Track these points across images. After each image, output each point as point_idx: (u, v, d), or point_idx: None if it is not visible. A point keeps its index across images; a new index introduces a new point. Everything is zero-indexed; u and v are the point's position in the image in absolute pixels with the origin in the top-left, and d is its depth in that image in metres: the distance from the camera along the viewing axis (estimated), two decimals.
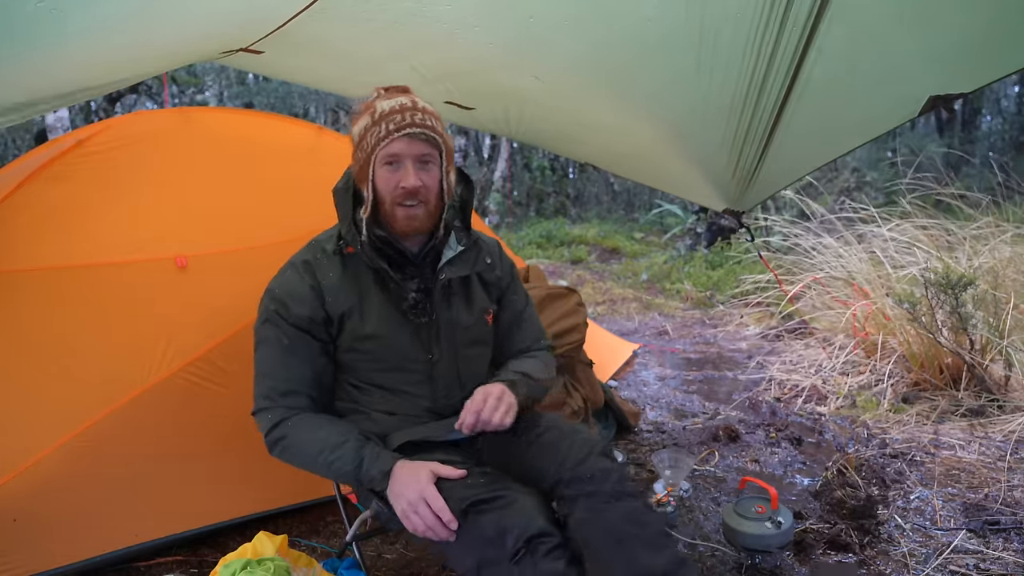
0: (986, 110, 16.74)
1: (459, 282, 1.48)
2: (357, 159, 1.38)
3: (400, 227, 1.38)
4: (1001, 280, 3.13)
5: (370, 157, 1.34)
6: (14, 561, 1.59)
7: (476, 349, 1.52)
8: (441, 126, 1.39)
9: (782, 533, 1.75)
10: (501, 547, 1.15)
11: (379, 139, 1.32)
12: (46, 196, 1.79)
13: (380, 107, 1.34)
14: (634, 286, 7.17)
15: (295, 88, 13.43)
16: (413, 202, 1.35)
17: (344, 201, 1.41)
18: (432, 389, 1.46)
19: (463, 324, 1.48)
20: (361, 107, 1.40)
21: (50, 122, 7.01)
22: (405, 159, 1.33)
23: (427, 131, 1.34)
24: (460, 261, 1.46)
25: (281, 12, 1.58)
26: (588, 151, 2.74)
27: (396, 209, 1.36)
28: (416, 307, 1.42)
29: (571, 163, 15.49)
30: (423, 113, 1.35)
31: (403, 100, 1.35)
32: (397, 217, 1.37)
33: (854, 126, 2.02)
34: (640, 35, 1.61)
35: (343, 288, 1.40)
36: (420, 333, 1.43)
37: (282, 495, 2.02)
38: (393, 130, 1.32)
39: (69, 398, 1.71)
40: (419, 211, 1.37)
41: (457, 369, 1.48)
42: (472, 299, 1.50)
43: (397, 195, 1.34)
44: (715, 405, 3.32)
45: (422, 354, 1.44)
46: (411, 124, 1.32)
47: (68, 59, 1.28)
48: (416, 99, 1.38)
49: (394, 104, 1.34)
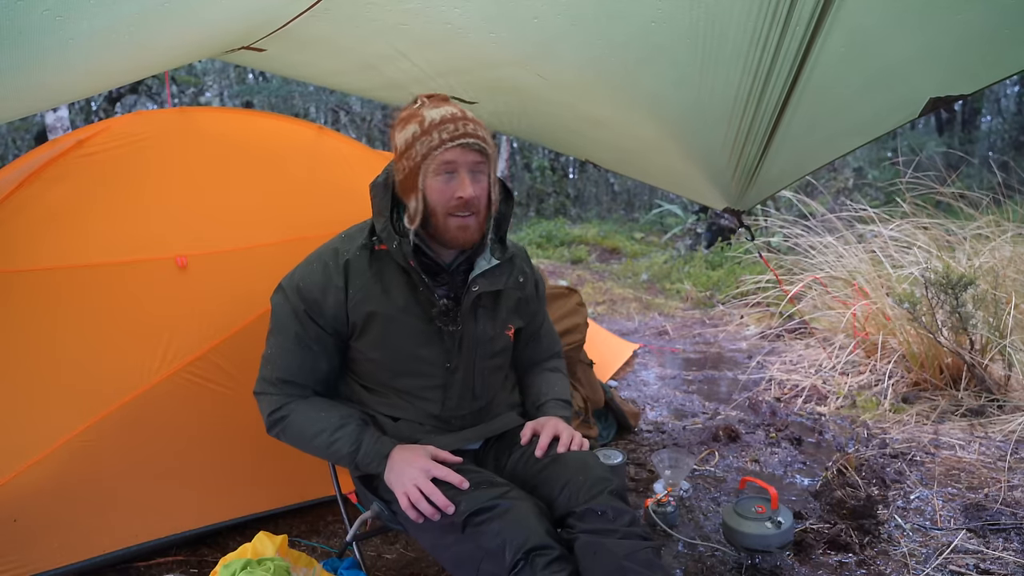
0: (986, 110, 16.73)
1: (489, 296, 1.46)
2: (402, 168, 1.34)
3: (452, 237, 1.34)
4: (1001, 280, 3.13)
5: (419, 166, 1.30)
6: (14, 561, 1.59)
7: (494, 362, 1.51)
8: (488, 135, 1.35)
9: (782, 533, 1.75)
10: (500, 559, 1.16)
11: (431, 148, 1.28)
12: (46, 196, 1.79)
13: (429, 116, 1.30)
14: (634, 286, 7.17)
15: (296, 88, 13.42)
16: (466, 212, 1.32)
17: (382, 197, 1.38)
18: (444, 397, 1.45)
19: (486, 337, 1.46)
20: (404, 115, 1.36)
21: (50, 122, 7.01)
22: (460, 168, 1.30)
23: (479, 141, 1.30)
24: (493, 275, 1.43)
25: (285, 12, 1.58)
26: (589, 148, 2.74)
27: (449, 220, 1.32)
28: (446, 315, 1.39)
29: (571, 163, 15.49)
30: (473, 123, 1.32)
31: (452, 110, 1.32)
32: (450, 228, 1.32)
33: (854, 127, 2.02)
34: (644, 36, 1.61)
35: (369, 287, 1.38)
36: (444, 341, 1.41)
37: (282, 495, 2.02)
38: (447, 139, 1.28)
39: (69, 398, 1.71)
40: (472, 221, 1.33)
41: (473, 381, 1.47)
42: (498, 314, 1.48)
43: (452, 205, 1.30)
44: (715, 405, 3.32)
45: (441, 361, 1.42)
46: (464, 134, 1.29)
47: (72, 64, 1.28)
48: (464, 109, 1.35)
49: (444, 113, 1.31)
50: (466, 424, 1.48)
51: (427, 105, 1.34)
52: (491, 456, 1.50)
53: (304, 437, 1.38)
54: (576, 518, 1.25)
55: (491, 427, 1.51)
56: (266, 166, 2.09)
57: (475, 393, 1.48)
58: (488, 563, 1.17)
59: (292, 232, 1.97)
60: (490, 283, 1.42)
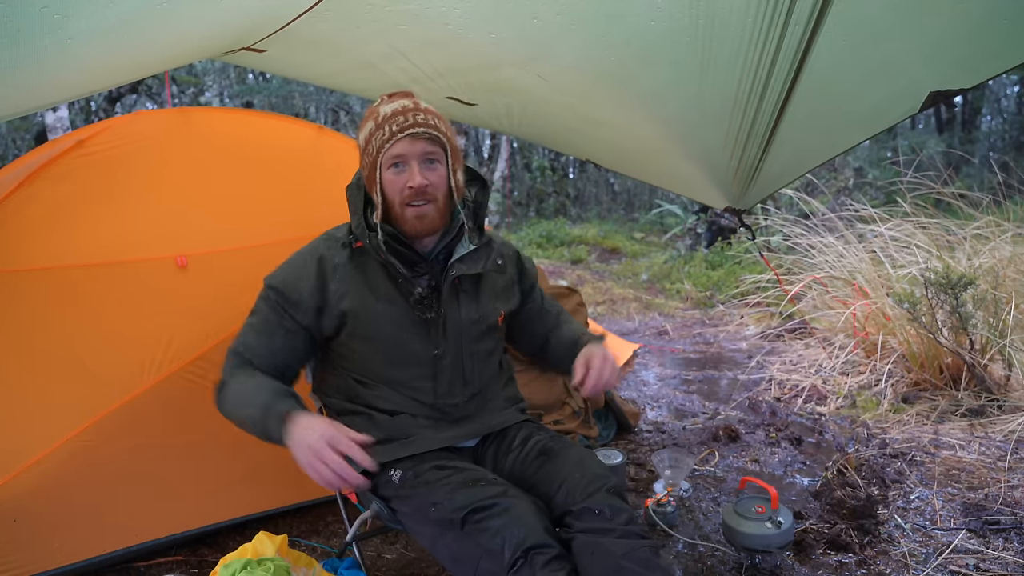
0: (986, 110, 16.75)
1: (470, 280, 1.48)
2: (364, 164, 1.40)
3: (411, 227, 1.38)
4: (1001, 280, 3.13)
5: (376, 160, 1.36)
6: (14, 561, 1.59)
7: (483, 347, 1.51)
8: (445, 125, 1.40)
9: (782, 533, 1.75)
10: (499, 558, 1.16)
11: (383, 142, 1.34)
12: (46, 196, 1.79)
13: (383, 111, 1.37)
14: (634, 286, 7.17)
15: (296, 88, 13.43)
16: (421, 201, 1.36)
17: (355, 198, 1.44)
18: (435, 385, 1.45)
19: (470, 320, 1.48)
20: (366, 113, 1.42)
21: (50, 122, 7.01)
22: (410, 159, 1.35)
23: (430, 130, 1.35)
24: (471, 259, 1.46)
25: (285, 12, 1.58)
26: (589, 148, 2.74)
27: (405, 210, 1.37)
28: (423, 301, 1.42)
29: (571, 163, 15.49)
30: (425, 113, 1.36)
31: (405, 102, 1.37)
32: (407, 218, 1.37)
33: (855, 122, 2.02)
34: (644, 36, 1.61)
35: (350, 282, 1.41)
36: (428, 328, 1.43)
37: (282, 495, 2.02)
38: (396, 131, 1.33)
39: (69, 398, 1.71)
40: (428, 209, 1.37)
41: (462, 366, 1.48)
42: (481, 298, 1.51)
43: (405, 196, 1.35)
44: (715, 405, 3.32)
45: (428, 349, 1.44)
46: (413, 124, 1.33)
47: (72, 63, 1.28)
48: (418, 100, 1.39)
49: (396, 107, 1.36)
50: (462, 414, 1.48)
51: (385, 102, 1.40)
52: (489, 454, 1.50)
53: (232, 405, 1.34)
54: (574, 517, 1.26)
55: (490, 423, 1.51)
56: (266, 166, 2.10)
57: (465, 379, 1.48)
58: (487, 561, 1.17)
59: (292, 232, 1.97)
60: (467, 267, 1.45)
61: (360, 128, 1.42)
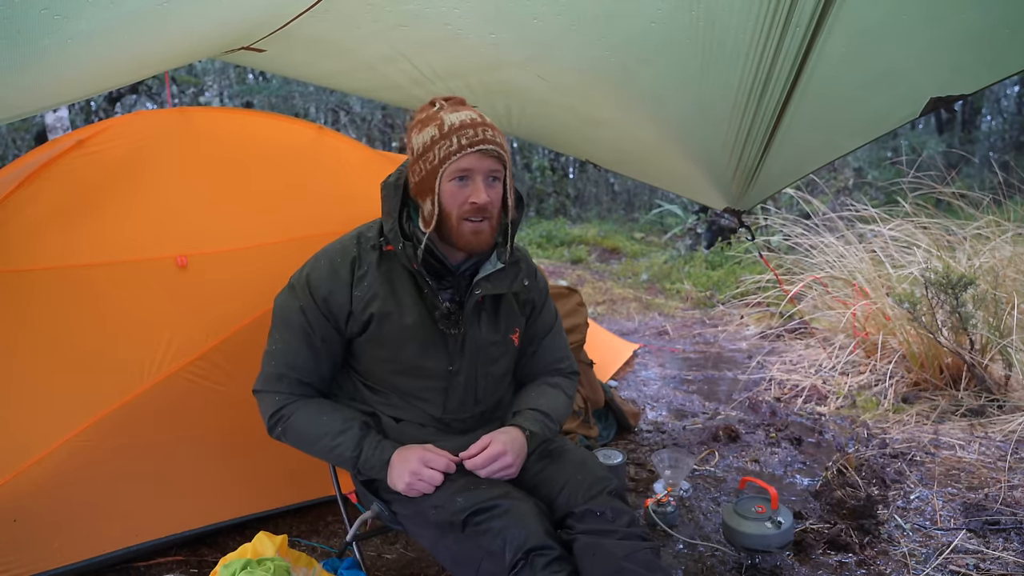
0: (986, 110, 16.74)
1: (491, 299, 1.47)
2: (418, 170, 1.34)
3: (465, 241, 1.34)
4: (1001, 280, 3.13)
5: (438, 169, 1.30)
6: (14, 561, 1.59)
7: (498, 367, 1.50)
8: (505, 142, 1.36)
9: (782, 533, 1.75)
10: (500, 559, 1.16)
11: (450, 152, 1.28)
12: (46, 196, 1.79)
13: (448, 120, 1.31)
14: (634, 286, 7.17)
15: (296, 88, 13.41)
16: (479, 218, 1.33)
17: (392, 197, 1.39)
18: (445, 400, 1.45)
19: (488, 341, 1.46)
20: (421, 117, 1.36)
21: (50, 122, 7.00)
22: (476, 175, 1.31)
23: (497, 148, 1.31)
24: (497, 279, 1.43)
25: (285, 12, 1.58)
26: (589, 149, 2.74)
27: (463, 224, 1.33)
28: (448, 317, 1.40)
29: (571, 163, 15.48)
30: (492, 129, 1.33)
31: (472, 115, 1.32)
32: (463, 232, 1.33)
33: (855, 127, 2.02)
34: (644, 37, 1.61)
35: (376, 286, 1.39)
36: (447, 343, 1.42)
37: (282, 495, 2.02)
38: (466, 145, 1.28)
39: (69, 398, 1.71)
40: (485, 226, 1.34)
41: (475, 385, 1.47)
42: (500, 317, 1.49)
43: (465, 210, 1.31)
44: (715, 405, 3.32)
45: (444, 364, 1.43)
46: (483, 140, 1.29)
47: (72, 64, 1.28)
48: (482, 114, 1.36)
49: (464, 118, 1.31)
50: (467, 428, 1.48)
51: (446, 108, 1.34)
52: None
53: (306, 439, 1.39)
54: (575, 519, 1.26)
55: None
56: (266, 166, 2.09)
57: (476, 398, 1.48)
58: (488, 563, 1.18)
59: (292, 232, 1.97)
60: (493, 286, 1.42)
61: (415, 130, 1.35)
